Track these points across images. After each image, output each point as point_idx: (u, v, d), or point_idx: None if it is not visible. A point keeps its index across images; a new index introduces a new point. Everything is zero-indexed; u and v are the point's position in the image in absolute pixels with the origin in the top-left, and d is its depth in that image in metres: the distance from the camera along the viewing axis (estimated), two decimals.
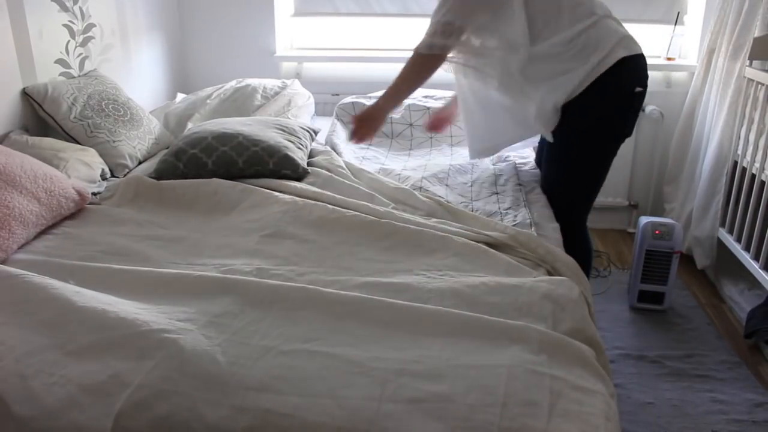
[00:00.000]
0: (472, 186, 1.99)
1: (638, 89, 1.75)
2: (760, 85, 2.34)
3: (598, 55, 1.69)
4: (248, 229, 1.64)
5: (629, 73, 1.73)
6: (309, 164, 2.06)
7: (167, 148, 2.32)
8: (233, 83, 2.66)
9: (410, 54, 1.84)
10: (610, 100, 1.74)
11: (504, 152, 2.22)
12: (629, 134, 1.82)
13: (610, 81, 1.70)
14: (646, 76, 1.78)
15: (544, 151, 2.01)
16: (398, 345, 1.17)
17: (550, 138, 1.83)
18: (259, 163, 1.92)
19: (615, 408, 1.09)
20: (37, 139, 1.92)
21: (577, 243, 1.79)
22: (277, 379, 1.08)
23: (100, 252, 1.53)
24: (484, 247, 1.54)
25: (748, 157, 2.39)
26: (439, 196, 1.86)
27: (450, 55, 1.83)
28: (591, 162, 1.85)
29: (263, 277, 1.41)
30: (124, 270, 1.42)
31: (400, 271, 1.45)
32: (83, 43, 2.34)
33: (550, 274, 1.50)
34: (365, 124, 1.97)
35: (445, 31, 1.74)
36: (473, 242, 1.56)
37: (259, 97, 2.57)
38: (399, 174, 2.06)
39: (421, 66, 1.82)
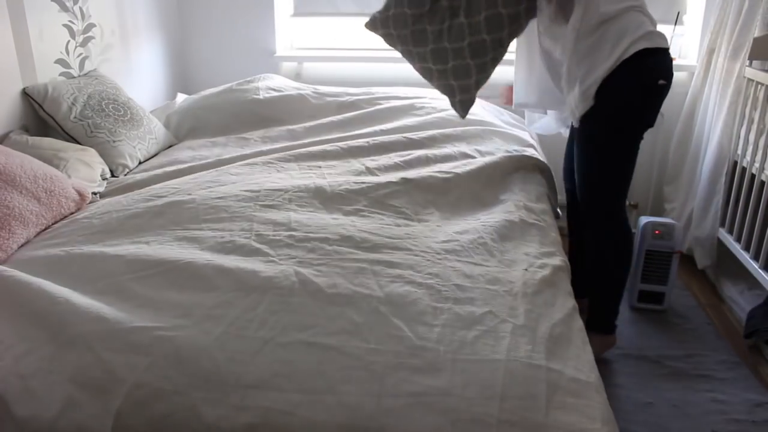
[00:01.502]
0: None
1: (661, 82, 1.78)
2: (760, 85, 2.34)
3: (625, 42, 1.72)
4: (246, 197, 1.68)
5: (651, 65, 1.77)
6: None
7: (168, 147, 2.33)
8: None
9: None
10: (633, 88, 1.77)
11: (533, 129, 2.33)
12: (651, 124, 1.85)
13: (633, 70, 1.73)
14: (670, 71, 1.82)
15: (573, 147, 2.02)
16: (395, 332, 1.18)
17: (576, 122, 1.85)
18: None
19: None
20: (37, 139, 1.92)
21: (615, 230, 1.93)
22: (276, 376, 1.08)
23: (99, 232, 1.54)
24: None
25: (748, 157, 2.39)
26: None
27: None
28: (617, 148, 1.87)
29: (261, 242, 1.44)
30: (120, 258, 1.41)
31: (398, 247, 1.48)
32: (83, 43, 2.34)
33: None
34: None
35: None
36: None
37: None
38: None
39: None
